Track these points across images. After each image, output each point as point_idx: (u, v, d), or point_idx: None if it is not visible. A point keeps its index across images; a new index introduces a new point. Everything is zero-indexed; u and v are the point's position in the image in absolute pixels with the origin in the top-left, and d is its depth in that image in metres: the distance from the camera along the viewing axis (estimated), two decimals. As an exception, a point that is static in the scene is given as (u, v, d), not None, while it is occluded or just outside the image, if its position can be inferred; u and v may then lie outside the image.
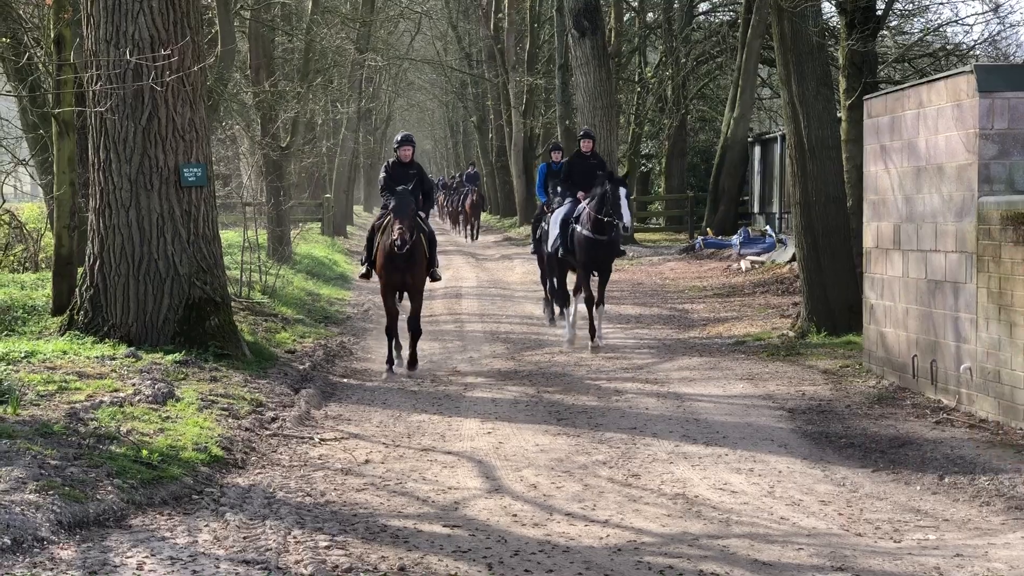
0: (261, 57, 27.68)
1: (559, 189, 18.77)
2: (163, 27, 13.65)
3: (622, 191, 16.81)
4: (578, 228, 17.20)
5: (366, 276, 16.02)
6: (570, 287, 18.63)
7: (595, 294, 17.41)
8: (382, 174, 15.76)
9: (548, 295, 20.11)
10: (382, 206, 15.98)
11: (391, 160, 15.98)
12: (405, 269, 15.03)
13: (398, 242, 14.47)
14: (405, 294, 15.65)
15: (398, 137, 16.31)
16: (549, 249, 18.17)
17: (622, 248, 18.64)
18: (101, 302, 13.92)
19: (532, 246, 20.96)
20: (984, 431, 11.38)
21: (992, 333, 11.79)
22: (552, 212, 18.72)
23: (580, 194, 17.70)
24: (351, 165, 52.77)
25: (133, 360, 12.79)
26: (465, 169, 55.84)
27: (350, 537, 8.07)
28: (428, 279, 15.60)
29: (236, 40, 23.79)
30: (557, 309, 19.63)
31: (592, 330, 17.10)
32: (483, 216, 50.43)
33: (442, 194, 61.22)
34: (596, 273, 17.53)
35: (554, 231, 18.01)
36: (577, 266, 17.57)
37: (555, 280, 18.96)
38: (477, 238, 44.49)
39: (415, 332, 15.36)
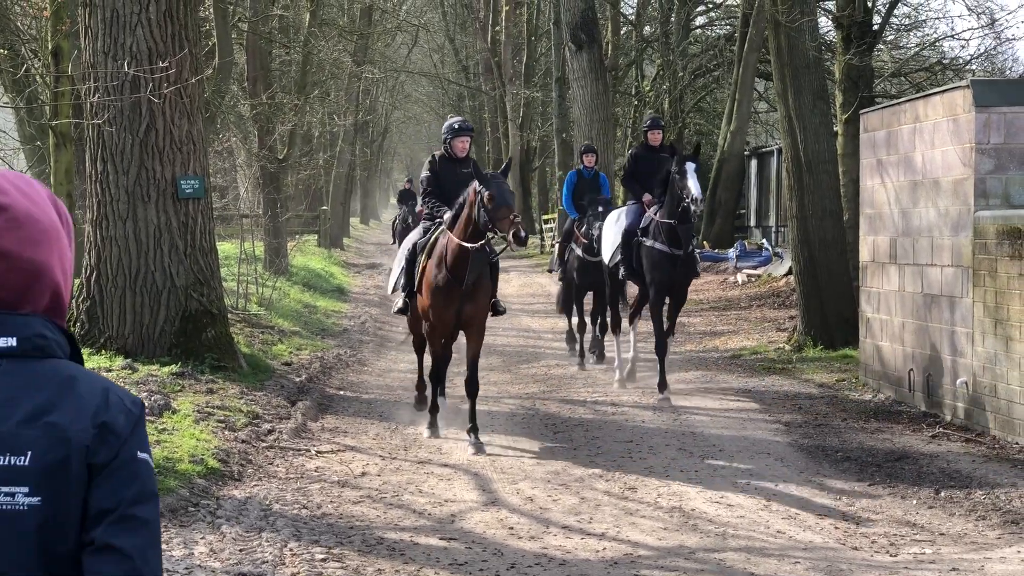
0: (258, 69, 27.71)
1: (593, 199, 16.28)
2: (161, 39, 13.66)
3: (690, 166, 13.57)
4: (647, 242, 14.15)
5: (404, 311, 12.62)
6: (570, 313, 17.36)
7: (624, 319, 15.47)
8: (425, 172, 12.50)
9: (573, 328, 17.49)
10: (425, 216, 12.40)
11: (437, 154, 12.41)
12: (465, 300, 11.51)
13: (521, 234, 10.96)
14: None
15: (452, 123, 12.45)
16: (608, 264, 15.25)
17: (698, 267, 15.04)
18: (98, 314, 13.91)
19: (558, 271, 17.65)
20: (980, 445, 11.39)
21: (988, 347, 11.80)
22: (592, 226, 16.02)
23: (646, 198, 14.59)
24: (348, 177, 52.83)
25: (129, 372, 12.78)
26: None
27: (346, 550, 8.06)
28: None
29: (233, 52, 23.82)
30: (590, 342, 17.13)
31: (660, 382, 14.02)
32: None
33: None
34: (668, 298, 14.39)
35: (607, 241, 15.21)
36: (649, 288, 14.37)
37: (608, 305, 16.03)
38: None
39: (473, 388, 11.78)
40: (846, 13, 20.81)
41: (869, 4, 21.66)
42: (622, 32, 44.06)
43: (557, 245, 18.38)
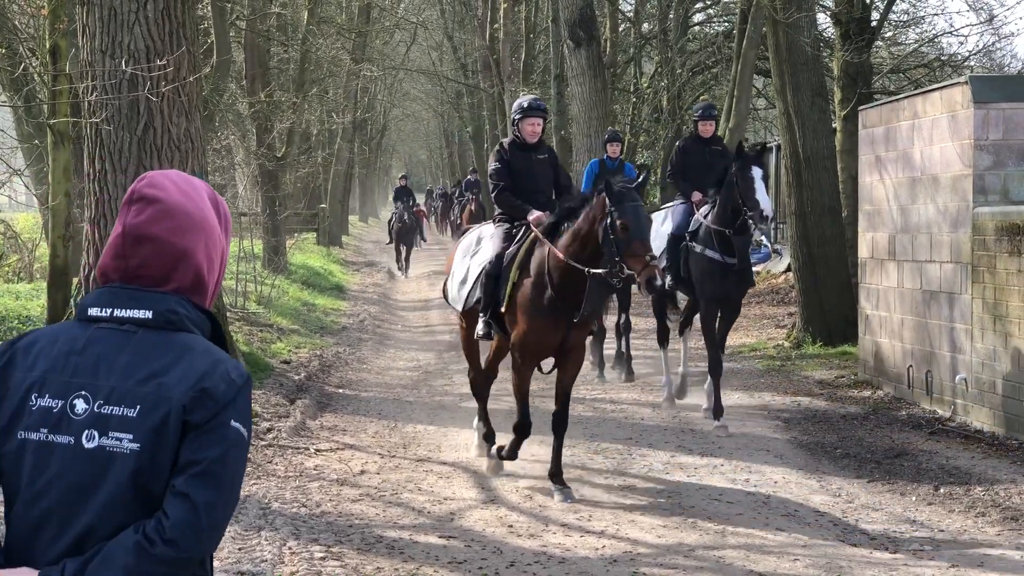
0: (257, 67, 27.69)
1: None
2: (159, 38, 13.65)
3: (756, 172, 11.91)
4: (697, 248, 12.48)
5: (489, 335, 10.32)
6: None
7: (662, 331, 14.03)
8: (493, 164, 10.49)
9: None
10: (499, 217, 10.39)
11: (506, 141, 10.51)
12: (572, 325, 9.64)
13: (656, 282, 9.05)
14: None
15: (522, 102, 10.59)
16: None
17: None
18: (96, 312, 13.88)
19: None
20: (979, 442, 11.38)
21: (987, 343, 11.79)
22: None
23: (696, 196, 12.80)
24: (346, 175, 52.81)
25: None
26: (463, 177, 53.71)
27: (346, 548, 8.05)
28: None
29: (232, 50, 23.81)
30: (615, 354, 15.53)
31: (716, 407, 12.34)
32: (481, 227, 49.00)
33: (440, 202, 61.21)
34: (720, 312, 12.74)
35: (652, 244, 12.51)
36: (699, 300, 12.80)
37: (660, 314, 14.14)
38: None
39: (563, 425, 9.90)
40: (844, 9, 20.79)
41: (867, 0, 21.65)
42: (620, 29, 44.04)
43: None
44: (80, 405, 2.84)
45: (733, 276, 12.34)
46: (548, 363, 9.94)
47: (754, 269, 27.77)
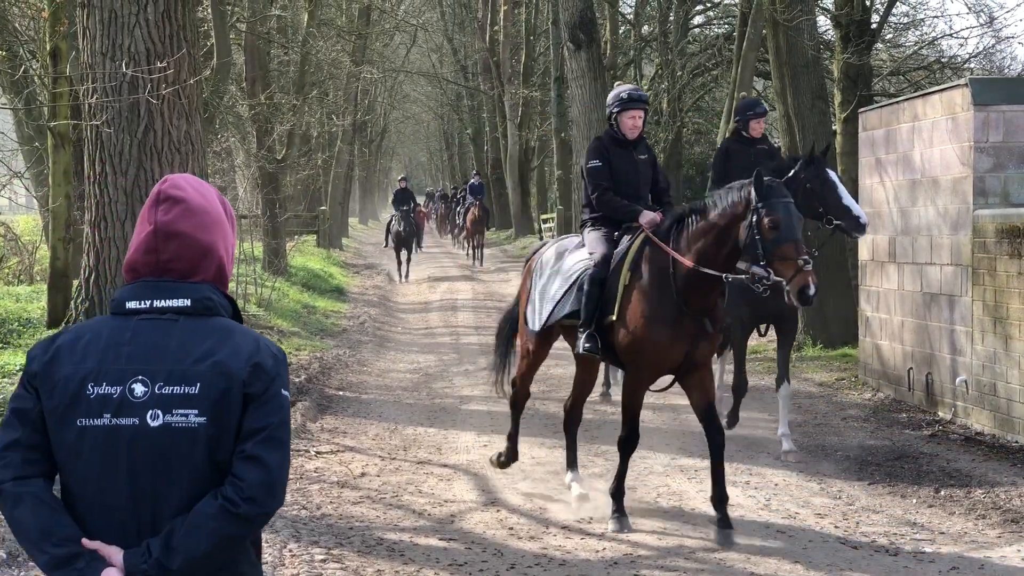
0: (257, 70, 27.70)
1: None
2: (159, 40, 13.65)
3: (833, 175, 10.66)
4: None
5: (596, 349, 9.00)
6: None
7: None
8: (593, 162, 9.30)
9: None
10: (589, 221, 9.35)
11: (605, 136, 9.43)
12: (700, 336, 8.56)
13: (810, 291, 8.02)
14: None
15: (620, 92, 9.40)
16: None
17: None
18: (96, 315, 13.88)
19: None
20: (980, 444, 11.38)
21: (988, 346, 11.79)
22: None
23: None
24: (346, 177, 52.78)
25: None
26: (468, 180, 51.49)
27: (346, 550, 8.06)
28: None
29: (232, 53, 23.81)
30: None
31: (730, 420, 11.62)
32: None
33: (442, 205, 61.14)
34: (775, 329, 11.89)
35: None
36: (735, 318, 11.21)
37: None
38: (483, 261, 37.61)
39: (721, 448, 8.76)
40: (844, 12, 20.81)
41: (867, 3, 21.67)
42: (620, 31, 44.05)
43: None
44: (139, 389, 3.15)
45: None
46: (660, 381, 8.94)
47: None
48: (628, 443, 8.96)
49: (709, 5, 45.51)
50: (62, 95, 15.27)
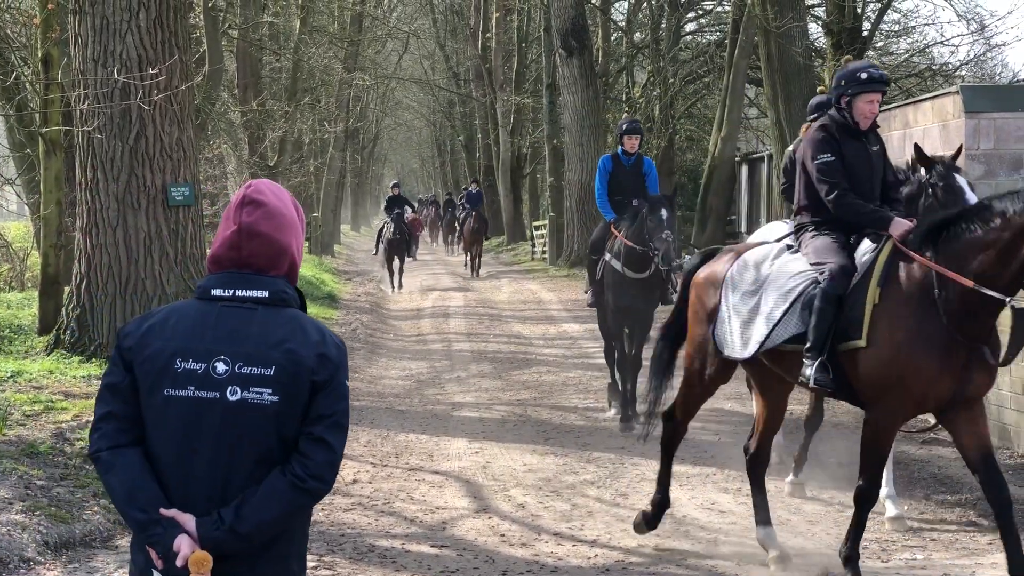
0: (249, 76, 27.70)
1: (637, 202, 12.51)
2: (151, 46, 13.64)
3: (961, 180, 9.13)
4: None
5: (826, 383, 7.57)
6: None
7: None
8: (823, 157, 7.80)
9: (614, 375, 13.44)
10: (807, 223, 7.97)
11: (830, 122, 7.94)
12: (971, 367, 7.23)
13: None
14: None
15: (858, 72, 7.91)
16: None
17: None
18: (88, 321, 13.88)
19: (589, 294, 13.50)
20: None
21: (979, 353, 11.80)
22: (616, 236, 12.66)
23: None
24: (338, 184, 52.80)
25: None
26: (464, 187, 49.83)
27: (338, 558, 8.05)
28: None
29: (224, 59, 23.81)
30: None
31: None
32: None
33: (433, 211, 61.08)
34: None
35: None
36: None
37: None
38: (479, 272, 35.75)
39: (1009, 507, 7.46)
40: (836, 19, 20.86)
41: (859, 10, 21.73)
42: (612, 38, 44.11)
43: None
44: (221, 367, 3.56)
45: None
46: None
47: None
48: (868, 496, 7.50)
49: (701, 12, 45.62)
50: (54, 101, 15.25)
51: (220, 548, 3.52)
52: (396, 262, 30.54)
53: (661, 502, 8.56)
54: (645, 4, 43.65)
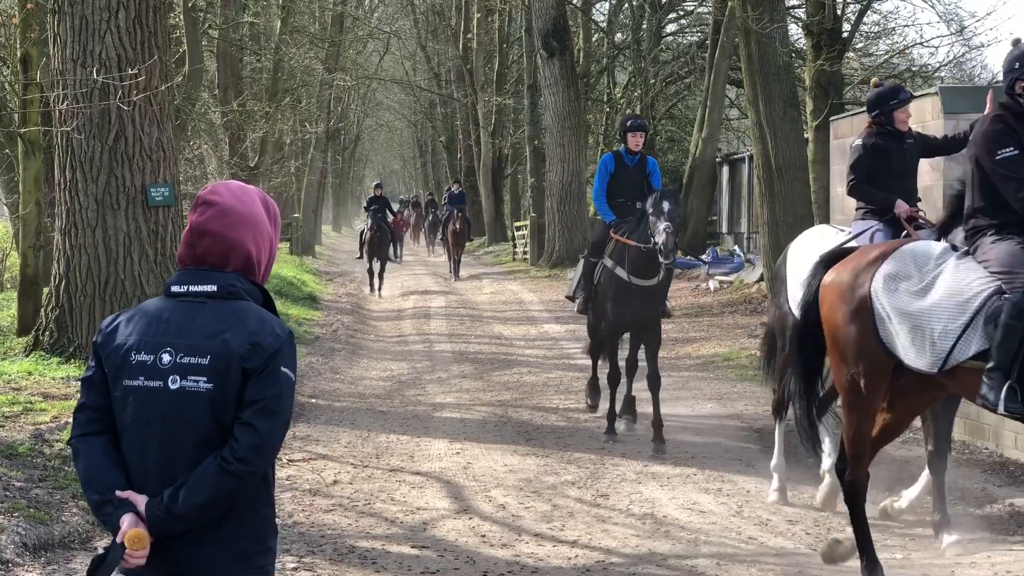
0: (229, 76, 27.63)
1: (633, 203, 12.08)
2: (130, 46, 13.60)
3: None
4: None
5: (1019, 410, 7.04)
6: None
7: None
8: (1005, 151, 7.09)
9: (598, 378, 13.41)
10: (984, 226, 7.23)
11: (1005, 110, 7.29)
12: None
13: None
14: None
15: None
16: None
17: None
18: (67, 322, 13.83)
19: (579, 301, 12.84)
20: (951, 450, 11.41)
21: (958, 353, 11.83)
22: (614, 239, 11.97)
23: (901, 208, 9.25)
24: (320, 185, 52.72)
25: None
26: (447, 188, 48.26)
27: (318, 559, 8.03)
28: None
29: (204, 59, 23.75)
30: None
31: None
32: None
33: (414, 213, 60.98)
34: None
35: (795, 277, 9.28)
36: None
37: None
38: (460, 275, 34.39)
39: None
40: (816, 20, 20.91)
41: (839, 11, 21.78)
42: (594, 39, 44.14)
43: (581, 262, 13.13)
44: (166, 357, 3.82)
45: None
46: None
47: (728, 279, 27.84)
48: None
49: (682, 13, 45.66)
50: (32, 102, 15.19)
51: (160, 528, 3.76)
52: (377, 264, 29.34)
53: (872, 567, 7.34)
54: (626, 5, 43.70)
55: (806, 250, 9.40)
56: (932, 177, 12.33)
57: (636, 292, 11.75)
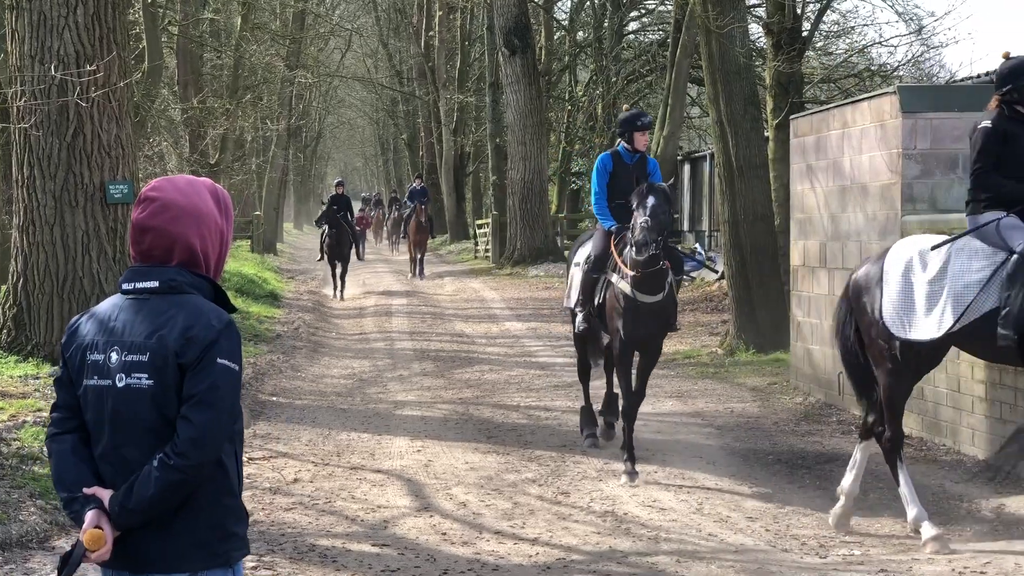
0: (189, 73, 27.49)
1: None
2: (89, 43, 13.51)
3: None
4: None
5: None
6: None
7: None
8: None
9: (590, 403, 12.08)
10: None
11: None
12: None
13: None
14: None
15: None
16: (923, 337, 8.47)
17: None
18: (25, 321, 13.72)
19: (580, 316, 11.37)
20: (908, 447, 11.48)
21: (916, 350, 11.92)
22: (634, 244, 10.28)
23: (1011, 219, 8.47)
24: (281, 182, 52.53)
25: (53, 380, 12.60)
26: (409, 184, 47.26)
27: (278, 557, 8.01)
28: None
29: (163, 56, 23.62)
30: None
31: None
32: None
33: (378, 210, 60.83)
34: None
35: (920, 294, 8.60)
36: None
37: None
38: (423, 274, 33.65)
39: None
40: (776, 19, 21.00)
41: (799, 11, 21.87)
42: (555, 37, 44.18)
43: (575, 274, 11.66)
44: (114, 356, 3.88)
45: None
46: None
47: (689, 276, 27.88)
48: None
49: (643, 12, 45.76)
50: (-10, 98, 15.05)
51: (119, 523, 3.83)
52: (339, 266, 28.31)
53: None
54: (588, 3, 43.76)
55: (905, 261, 8.85)
56: (891, 177, 12.42)
57: (644, 308, 10.60)
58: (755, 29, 29.03)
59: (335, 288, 28.61)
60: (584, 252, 11.46)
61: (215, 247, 4.04)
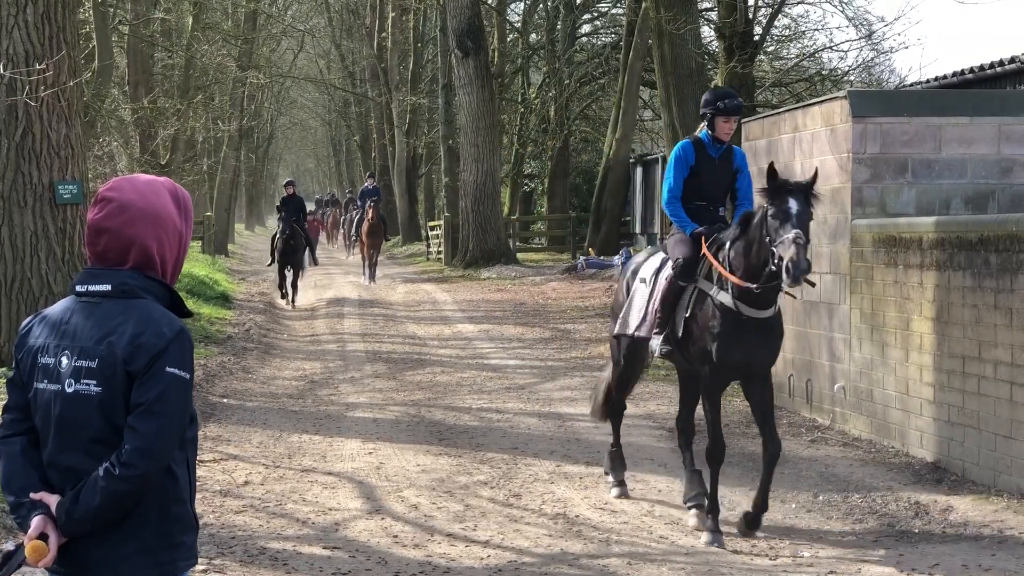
0: (140, 73, 27.30)
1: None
2: (38, 41, 13.39)
3: None
4: None
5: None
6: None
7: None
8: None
9: (619, 443, 10.32)
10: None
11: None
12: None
13: None
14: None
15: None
16: None
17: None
18: (-28, 322, 13.57)
19: (657, 341, 9.28)
20: (857, 449, 11.60)
21: (865, 353, 12.04)
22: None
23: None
24: (232, 183, 52.27)
25: (5, 380, 12.50)
26: (361, 185, 45.90)
27: (228, 560, 7.97)
28: None
29: (114, 55, 23.44)
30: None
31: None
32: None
33: (332, 212, 60.62)
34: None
35: None
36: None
37: None
38: (375, 278, 32.31)
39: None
40: (728, 23, 21.13)
41: (751, 15, 22.01)
42: (508, 39, 44.23)
43: (638, 291, 9.70)
44: (64, 361, 3.80)
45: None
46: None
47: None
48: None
49: (596, 15, 45.92)
50: (-63, 96, 14.88)
51: (65, 530, 3.76)
52: (289, 273, 26.58)
53: None
54: (541, 6, 43.83)
55: None
56: (841, 181, 12.51)
57: (748, 326, 8.78)
58: (707, 32, 29.19)
59: (285, 295, 26.77)
60: (650, 267, 9.56)
61: (173, 250, 3.95)
